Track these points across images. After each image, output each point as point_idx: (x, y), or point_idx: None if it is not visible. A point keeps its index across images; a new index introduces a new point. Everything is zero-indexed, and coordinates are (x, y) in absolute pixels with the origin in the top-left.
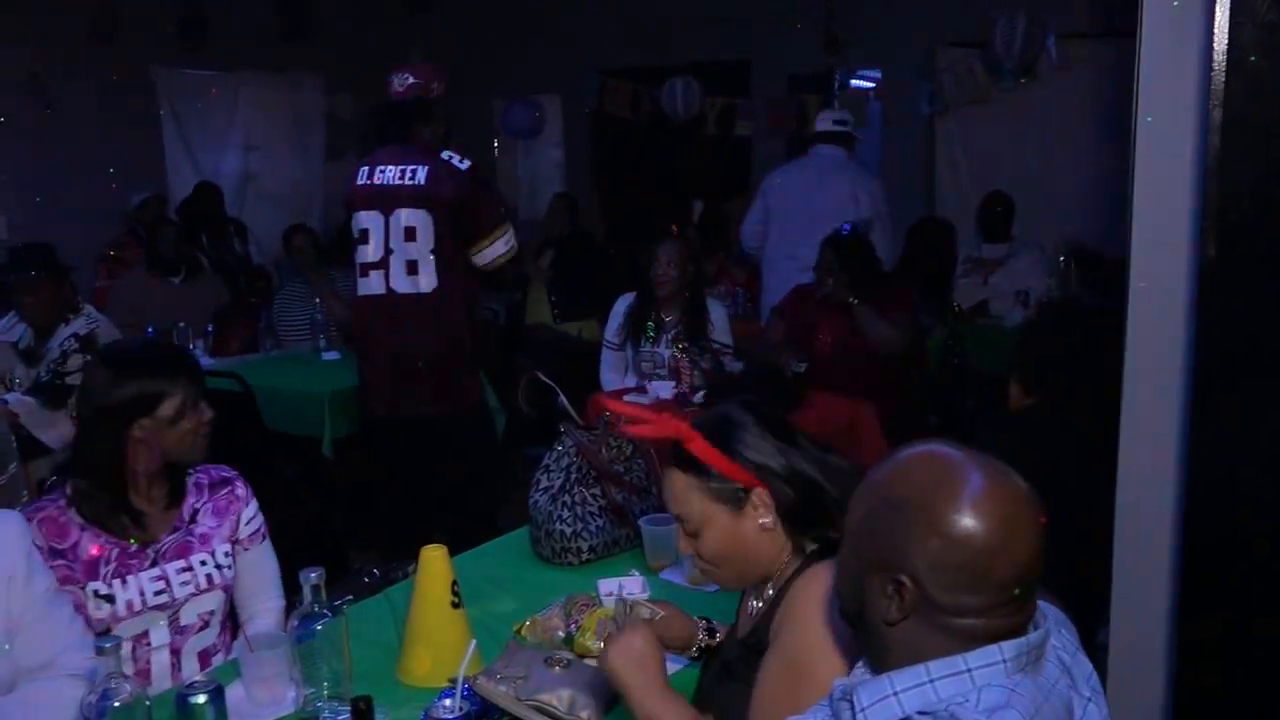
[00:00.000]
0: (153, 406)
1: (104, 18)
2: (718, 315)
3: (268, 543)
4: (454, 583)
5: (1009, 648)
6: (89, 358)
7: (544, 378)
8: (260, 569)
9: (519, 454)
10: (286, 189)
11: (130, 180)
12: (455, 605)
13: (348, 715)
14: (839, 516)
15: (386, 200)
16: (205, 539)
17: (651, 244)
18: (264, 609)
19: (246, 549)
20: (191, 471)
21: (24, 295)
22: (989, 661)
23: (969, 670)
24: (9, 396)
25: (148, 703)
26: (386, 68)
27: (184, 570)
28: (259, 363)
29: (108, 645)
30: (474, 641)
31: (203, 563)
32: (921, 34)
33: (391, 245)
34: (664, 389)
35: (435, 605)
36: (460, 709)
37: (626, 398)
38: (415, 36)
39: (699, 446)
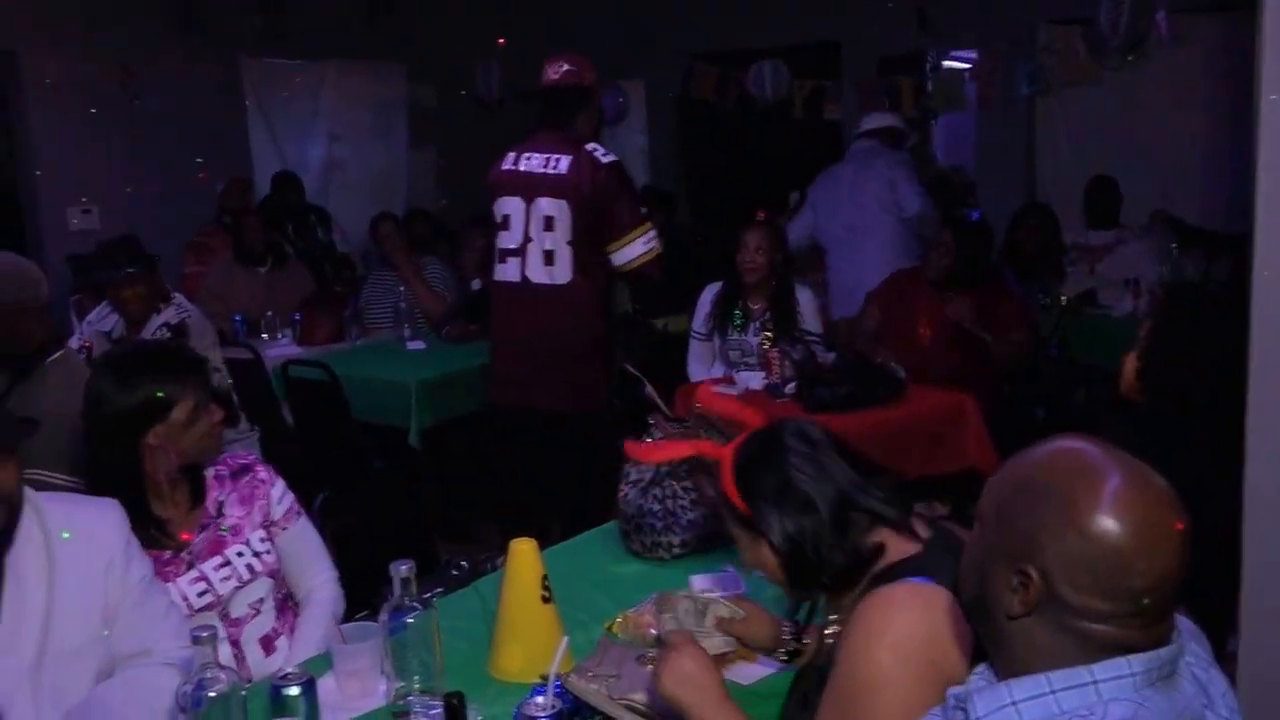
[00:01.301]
0: (165, 412)
1: (189, 10)
2: (807, 303)
3: (305, 518)
4: (544, 577)
5: (1138, 661)
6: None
7: (632, 369)
8: (303, 545)
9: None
10: (370, 177)
11: (217, 169)
12: (546, 600)
13: (439, 710)
14: (850, 571)
15: (529, 187)
16: (237, 530)
17: (738, 230)
18: (317, 584)
19: (285, 528)
20: (209, 465)
21: (119, 289)
22: (1117, 674)
23: (1095, 682)
24: None
25: (243, 693)
26: (468, 56)
27: (222, 566)
28: (346, 352)
29: (204, 635)
30: (566, 639)
31: (239, 554)
32: (1020, 11)
33: (531, 233)
34: (753, 379)
35: (526, 600)
36: (553, 707)
37: (715, 389)
38: (497, 24)
39: (724, 473)
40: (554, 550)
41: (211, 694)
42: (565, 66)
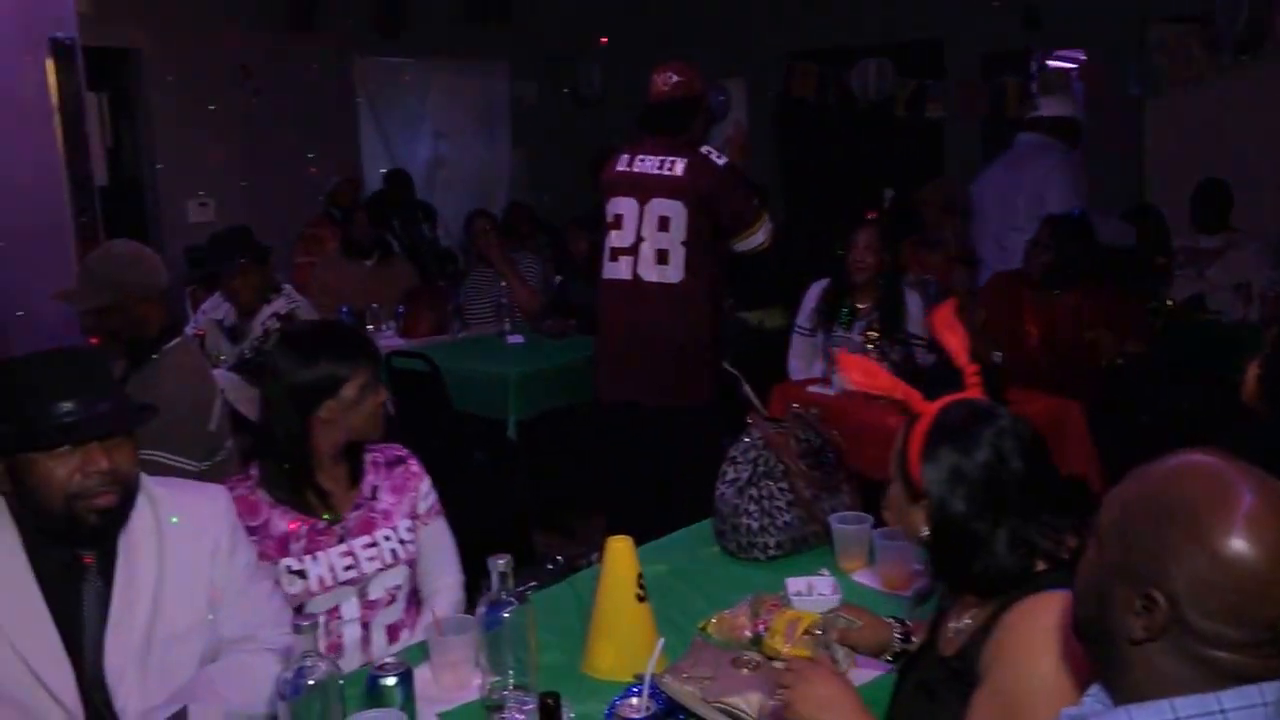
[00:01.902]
0: (337, 388)
1: (304, 9)
2: (915, 306)
3: (443, 520)
4: (640, 575)
5: (1271, 690)
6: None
7: (729, 366)
8: (438, 545)
9: None
10: (474, 174)
11: (328, 164)
12: (641, 599)
13: (533, 706)
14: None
15: (643, 188)
16: (387, 515)
17: (848, 229)
18: (444, 585)
19: (426, 524)
20: (368, 450)
21: (231, 279)
22: (1247, 704)
23: (1222, 711)
24: (216, 373)
25: (340, 682)
26: (570, 55)
27: (370, 546)
28: (447, 345)
29: (305, 625)
30: (662, 640)
31: (386, 538)
32: (1131, 8)
33: (643, 233)
34: (849, 381)
35: (621, 598)
36: (647, 709)
37: (811, 389)
38: (599, 23)
39: (919, 427)
40: (649, 547)
41: (310, 682)
42: (675, 77)
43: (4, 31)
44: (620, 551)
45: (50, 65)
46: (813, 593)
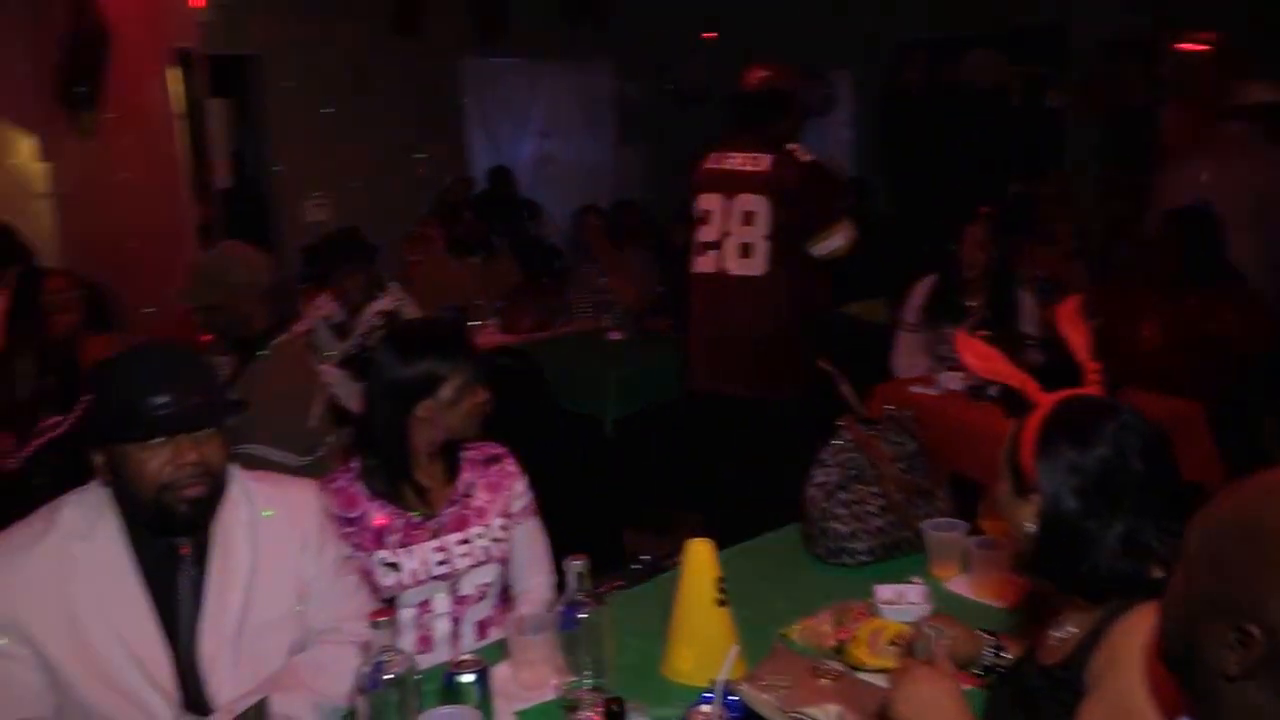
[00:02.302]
0: (435, 388)
1: (408, 12)
2: (1029, 305)
3: (537, 519)
4: (720, 579)
5: None
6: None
7: (826, 364)
8: (531, 544)
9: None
10: (579, 172)
11: (438, 164)
12: (721, 603)
13: (600, 710)
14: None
15: (729, 184)
16: (481, 512)
17: (959, 224)
18: (533, 584)
19: (519, 523)
20: (465, 448)
21: (339, 278)
22: None
23: None
24: (322, 369)
25: (417, 677)
26: (675, 52)
27: (462, 542)
28: (548, 341)
29: (383, 620)
30: (736, 647)
31: (479, 535)
32: None
33: (729, 228)
34: (954, 380)
35: (699, 602)
36: (719, 717)
37: (914, 388)
38: (705, 20)
39: (1031, 419)
40: (737, 550)
41: (387, 676)
42: (765, 73)
43: (132, 42)
44: (700, 554)
45: (174, 74)
46: (902, 601)
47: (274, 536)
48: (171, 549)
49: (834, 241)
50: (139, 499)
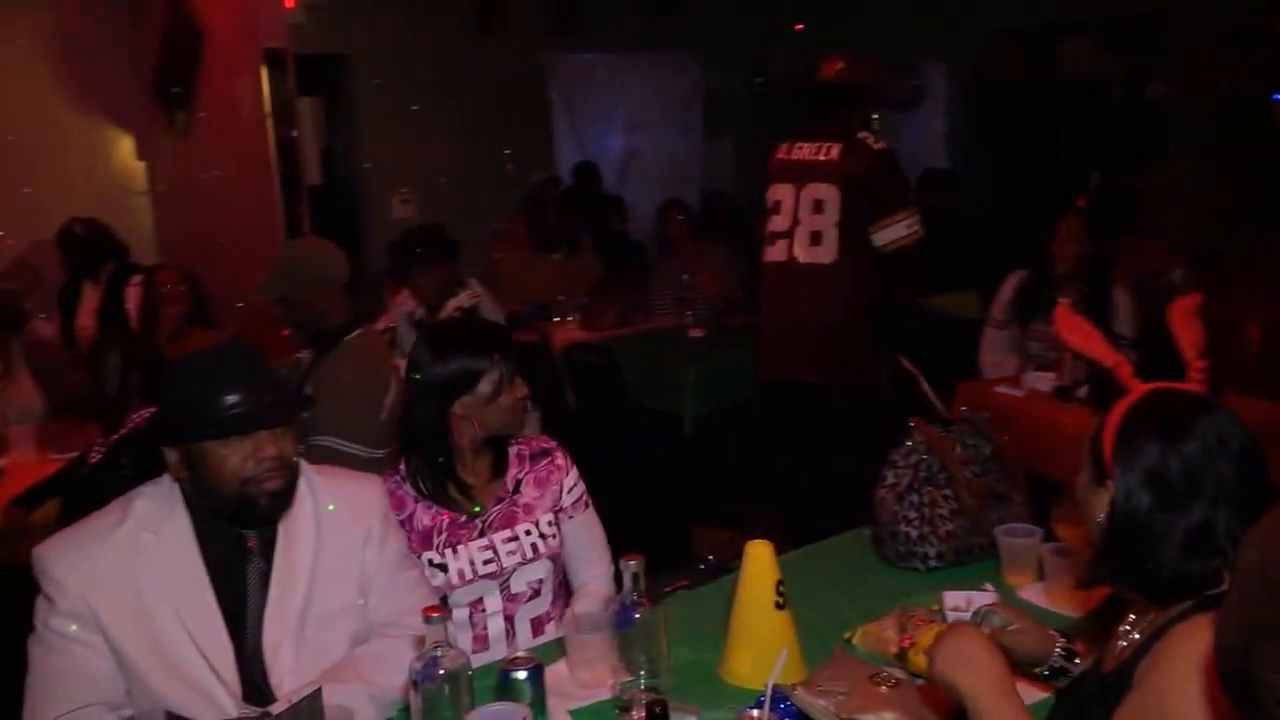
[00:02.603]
0: (472, 384)
1: (488, 10)
2: (1124, 304)
3: (591, 511)
4: (780, 582)
5: None
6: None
7: (907, 363)
8: (585, 537)
9: None
10: (666, 166)
11: (523, 160)
12: (780, 606)
13: (642, 713)
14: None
15: (800, 174)
16: (529, 509)
17: (1051, 218)
18: (592, 576)
19: (571, 516)
20: (513, 442)
21: (417, 274)
22: None
23: None
24: (400, 363)
25: (470, 672)
26: (765, 43)
27: (510, 540)
28: (628, 338)
29: (435, 616)
30: (786, 650)
31: (527, 532)
32: None
33: (799, 217)
34: (1042, 380)
35: (757, 604)
36: None
37: (999, 388)
38: (795, 10)
39: (1121, 405)
40: (803, 552)
41: (440, 671)
42: (840, 65)
43: (224, 42)
44: (759, 556)
45: (264, 73)
46: (972, 608)
47: (337, 530)
48: (239, 541)
49: (895, 232)
50: (220, 494)
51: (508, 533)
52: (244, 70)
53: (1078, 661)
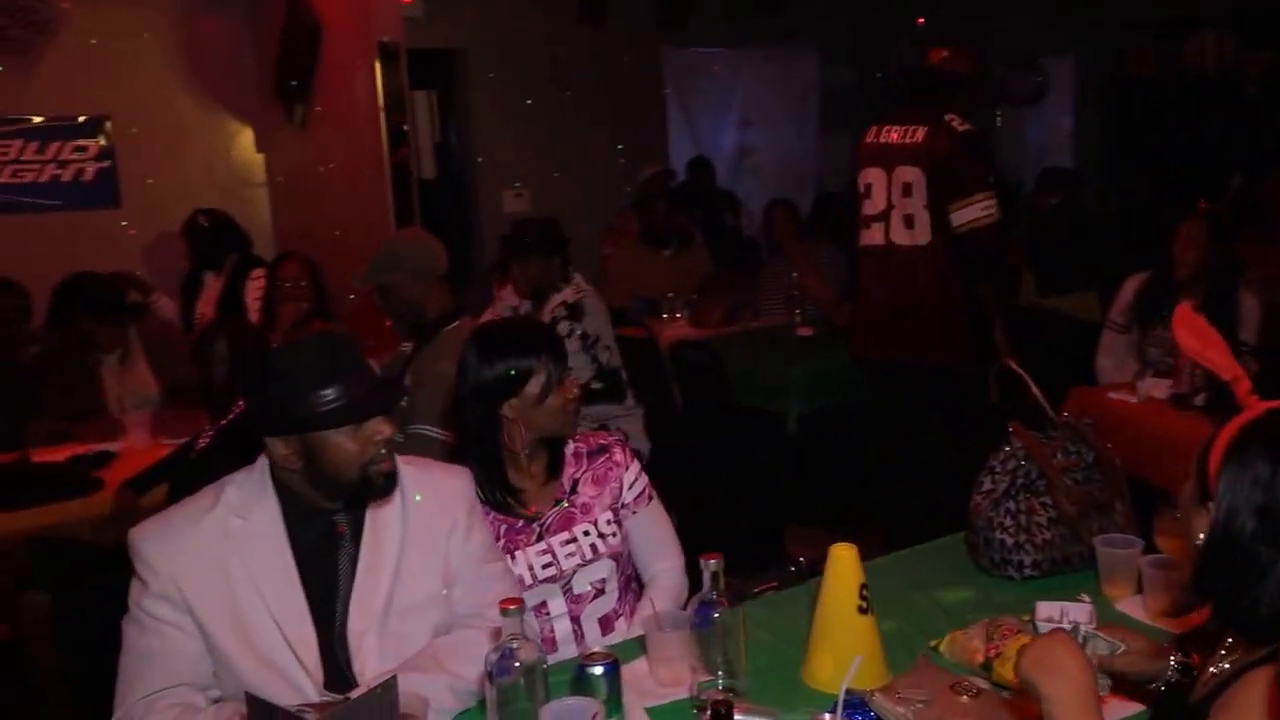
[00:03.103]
0: (519, 386)
1: (601, 3)
2: (1250, 309)
3: (657, 503)
4: (863, 586)
5: None
6: (574, 325)
7: (1016, 366)
8: (652, 530)
9: None
10: (780, 162)
11: (636, 155)
12: (863, 610)
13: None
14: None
15: (889, 157)
16: (586, 509)
17: (1174, 220)
18: (662, 570)
19: (634, 512)
20: (570, 441)
21: (520, 267)
22: None
23: None
24: None
25: (545, 666)
26: (885, 36)
27: (568, 542)
28: (735, 336)
29: (512, 609)
30: (860, 656)
31: (585, 533)
32: None
33: (892, 200)
34: (1158, 387)
35: (840, 608)
36: None
37: (1112, 394)
38: (915, 4)
39: (1234, 421)
40: (895, 557)
41: (515, 664)
42: (945, 53)
43: (340, 37)
44: (843, 560)
45: (378, 67)
46: (1065, 619)
47: (423, 520)
48: (328, 529)
49: (970, 213)
50: (340, 479)
51: (565, 535)
52: (358, 64)
53: (1196, 675)
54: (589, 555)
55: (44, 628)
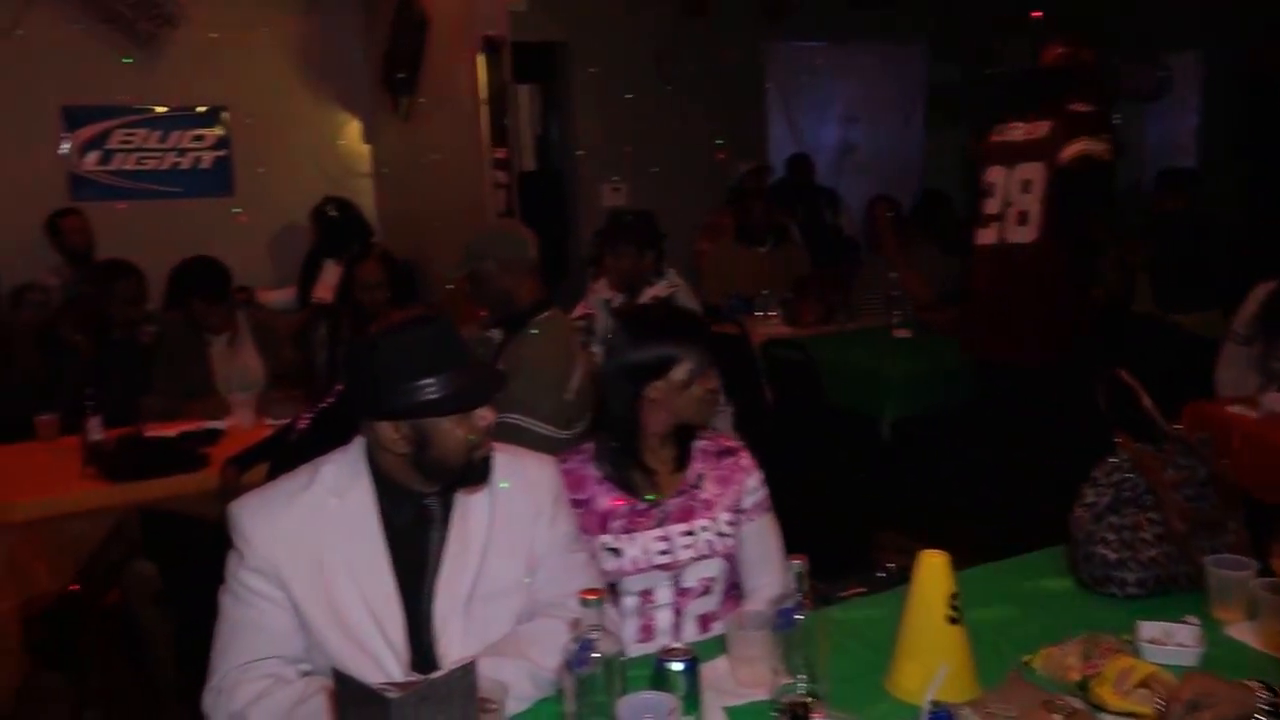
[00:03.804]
0: (666, 370)
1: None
2: None
3: (771, 517)
4: (953, 595)
5: None
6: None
7: (1127, 376)
8: (762, 543)
9: None
10: (884, 160)
11: (736, 151)
12: (953, 620)
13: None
14: None
15: (1012, 155)
16: (709, 504)
17: None
18: (763, 584)
19: (751, 520)
20: (698, 437)
21: (614, 260)
22: None
23: None
24: (596, 348)
25: (623, 659)
26: (997, 31)
27: (686, 534)
28: (830, 335)
29: (591, 600)
30: (945, 667)
31: (704, 528)
32: None
33: (1009, 197)
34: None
35: (928, 618)
36: None
37: (1232, 408)
38: None
39: None
40: (992, 567)
41: (594, 655)
42: (1060, 50)
43: (447, 30)
44: (933, 567)
45: (481, 60)
46: (1169, 641)
47: (510, 506)
48: (420, 512)
49: (1083, 145)
50: (447, 463)
51: (685, 526)
52: (463, 58)
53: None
54: (704, 550)
55: (151, 596)
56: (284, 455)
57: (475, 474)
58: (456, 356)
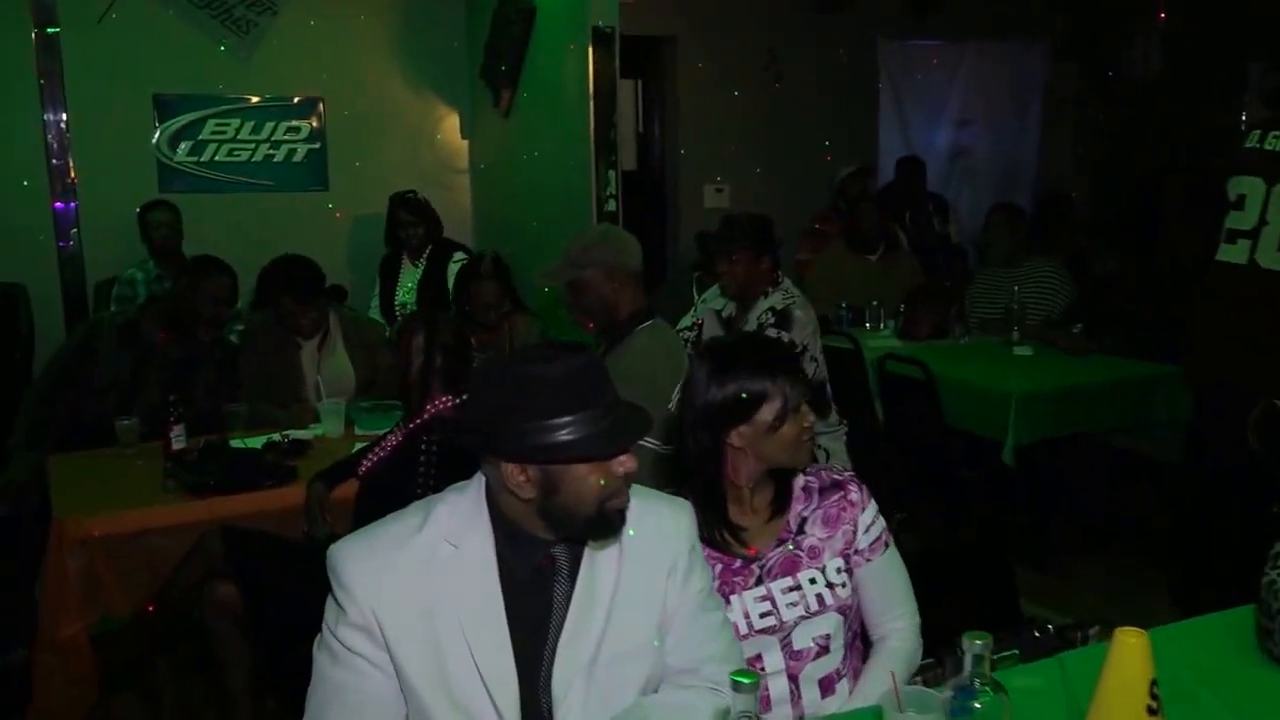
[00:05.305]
0: (750, 412)
1: None
2: None
3: (893, 551)
4: (1154, 683)
5: None
6: (781, 334)
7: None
8: (886, 582)
9: None
10: (997, 165)
11: (844, 153)
12: (1152, 711)
13: None
14: None
15: (1273, 168)
16: (814, 552)
17: None
18: (892, 630)
19: (869, 560)
20: (800, 474)
21: (727, 265)
22: None
23: None
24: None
25: None
26: (1121, 31)
27: (791, 590)
28: (946, 350)
29: (747, 682)
30: None
31: (811, 581)
32: None
33: (1267, 216)
34: None
35: (1126, 708)
36: None
37: None
38: None
39: None
40: (1163, 631)
41: None
42: None
43: (553, 21)
44: (1131, 649)
45: (590, 52)
46: None
47: (641, 557)
48: (543, 564)
49: None
50: (577, 514)
51: (789, 581)
52: (570, 50)
53: None
54: (814, 607)
55: (231, 618)
56: (373, 475)
57: (606, 527)
58: (598, 395)
